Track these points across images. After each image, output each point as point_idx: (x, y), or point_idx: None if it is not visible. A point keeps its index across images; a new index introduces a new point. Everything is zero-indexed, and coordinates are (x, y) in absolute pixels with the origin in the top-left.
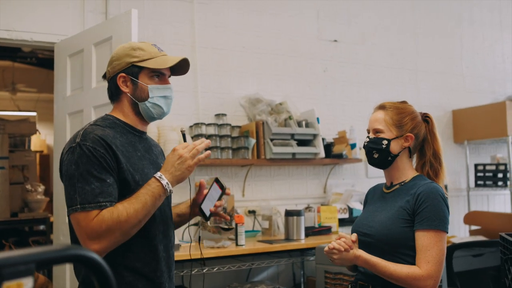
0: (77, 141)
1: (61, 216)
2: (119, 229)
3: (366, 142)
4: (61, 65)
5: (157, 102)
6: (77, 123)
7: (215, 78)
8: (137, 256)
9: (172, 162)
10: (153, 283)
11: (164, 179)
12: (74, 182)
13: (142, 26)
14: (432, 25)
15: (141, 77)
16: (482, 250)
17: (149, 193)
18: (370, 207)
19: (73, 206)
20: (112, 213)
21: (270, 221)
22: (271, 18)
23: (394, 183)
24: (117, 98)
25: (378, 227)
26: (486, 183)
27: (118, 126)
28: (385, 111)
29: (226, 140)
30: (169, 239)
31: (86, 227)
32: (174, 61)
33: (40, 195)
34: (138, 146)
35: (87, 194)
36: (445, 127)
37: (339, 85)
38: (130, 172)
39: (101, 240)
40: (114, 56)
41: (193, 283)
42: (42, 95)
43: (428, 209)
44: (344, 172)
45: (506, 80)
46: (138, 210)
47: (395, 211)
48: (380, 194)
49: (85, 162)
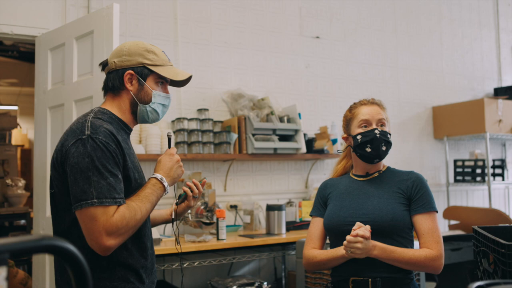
0: (87, 133)
1: (41, 211)
2: (134, 227)
3: (377, 134)
4: (42, 58)
5: (156, 108)
6: (58, 117)
7: (197, 73)
8: (130, 253)
9: (171, 165)
10: (141, 278)
11: (165, 182)
12: (89, 175)
13: (124, 21)
14: (412, 23)
15: (148, 80)
16: (460, 244)
17: (155, 194)
18: (346, 198)
19: (87, 200)
20: (130, 210)
21: (252, 215)
22: (254, 14)
23: (371, 172)
24: (116, 92)
25: (379, 212)
26: (465, 179)
27: (114, 121)
28: (378, 106)
29: (208, 135)
30: (151, 236)
31: (106, 222)
32: (184, 76)
33: (20, 190)
34: (129, 144)
35: (103, 189)
36: (425, 123)
37: (321, 81)
38: (132, 169)
39: (119, 236)
40: (125, 50)
41: (174, 277)
42: (24, 89)
43: (425, 194)
44: (325, 167)
45: (485, 77)
46: (148, 209)
47: (390, 196)
48: (349, 183)
49: (100, 156)
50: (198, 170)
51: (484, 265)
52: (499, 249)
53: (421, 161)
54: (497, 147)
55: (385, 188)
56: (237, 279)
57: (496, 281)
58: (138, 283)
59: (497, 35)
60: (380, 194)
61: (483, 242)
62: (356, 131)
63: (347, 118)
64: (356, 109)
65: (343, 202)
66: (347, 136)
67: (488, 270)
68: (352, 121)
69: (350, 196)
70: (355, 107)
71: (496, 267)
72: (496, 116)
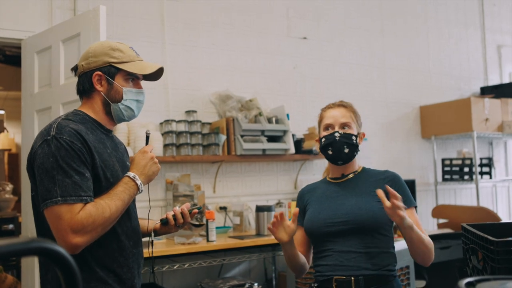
0: (52, 133)
1: (29, 215)
2: (102, 225)
3: (337, 137)
4: (29, 61)
5: (129, 105)
6: (45, 120)
7: (185, 75)
8: (106, 252)
9: (145, 163)
10: (120, 279)
11: (138, 180)
12: (53, 174)
13: (111, 23)
14: (399, 23)
15: (117, 78)
16: (449, 242)
17: (127, 192)
18: (325, 201)
19: (52, 199)
20: (97, 208)
21: (241, 217)
22: (241, 15)
23: (346, 173)
24: (88, 94)
25: (358, 211)
26: (453, 177)
27: (88, 122)
28: (345, 108)
29: (197, 136)
30: (138, 236)
31: (70, 219)
32: (153, 69)
33: (8, 194)
34: (107, 143)
35: (68, 187)
36: (413, 123)
37: (309, 81)
38: (102, 168)
39: (85, 234)
40: (90, 52)
41: (164, 280)
42: (10, 93)
43: (405, 191)
44: (314, 167)
45: (471, 77)
46: (118, 207)
47: (368, 195)
48: (326, 187)
49: (64, 155)
50: (187, 172)
51: (473, 262)
52: (488, 246)
53: (409, 161)
54: (484, 145)
55: (362, 188)
56: (228, 281)
57: (486, 277)
58: (117, 284)
59: (483, 35)
60: (357, 193)
61: (472, 239)
62: (322, 134)
63: (318, 121)
64: (324, 112)
65: (321, 205)
66: (318, 139)
67: (477, 267)
68: (320, 124)
69: (328, 199)
70: (324, 110)
71: (485, 264)
72: (483, 115)
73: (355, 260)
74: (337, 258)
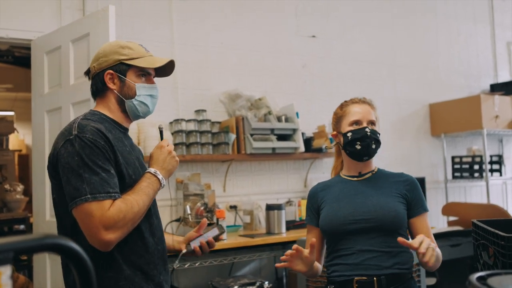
0: (74, 133)
1: (40, 216)
2: (132, 220)
3: (368, 132)
4: (38, 62)
5: (143, 100)
6: (56, 121)
7: (195, 75)
8: (131, 249)
9: (163, 158)
10: (147, 276)
11: (159, 174)
12: (80, 172)
13: (120, 23)
14: (408, 19)
15: (128, 75)
16: (459, 240)
17: (151, 187)
18: (343, 199)
19: (81, 197)
20: (126, 203)
21: (252, 215)
22: (250, 14)
23: (363, 172)
24: (102, 94)
25: (381, 210)
26: (462, 175)
27: (106, 121)
28: (370, 106)
29: (207, 136)
30: (161, 233)
31: (102, 216)
32: (162, 62)
33: (19, 195)
34: (125, 142)
35: (96, 184)
36: (423, 120)
37: (318, 80)
38: (124, 166)
39: (117, 230)
40: (100, 53)
41: (175, 278)
42: (20, 94)
43: (420, 195)
44: (324, 166)
45: (481, 74)
46: (145, 201)
47: (390, 195)
48: (343, 185)
49: (89, 153)
50: (197, 171)
51: (484, 258)
52: (498, 241)
53: (419, 159)
54: (494, 143)
55: (382, 188)
56: (238, 279)
57: (497, 272)
58: (145, 283)
59: (493, 31)
60: (378, 193)
61: (483, 235)
62: (346, 128)
63: (338, 116)
64: (348, 107)
65: (340, 203)
66: (336, 134)
67: (488, 263)
68: (343, 119)
69: (347, 196)
70: (346, 105)
71: (496, 259)
72: (492, 112)
73: (377, 259)
74: (358, 257)
